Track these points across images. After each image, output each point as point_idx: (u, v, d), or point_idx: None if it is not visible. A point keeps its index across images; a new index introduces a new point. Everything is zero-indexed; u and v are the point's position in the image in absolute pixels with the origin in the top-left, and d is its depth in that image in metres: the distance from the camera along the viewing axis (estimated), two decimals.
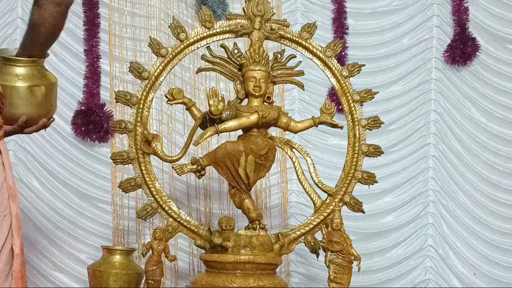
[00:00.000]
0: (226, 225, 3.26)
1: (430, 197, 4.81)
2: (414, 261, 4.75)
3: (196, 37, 3.41)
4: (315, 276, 4.46)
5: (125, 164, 3.43)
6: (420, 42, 4.86)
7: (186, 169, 3.28)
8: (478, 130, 4.85)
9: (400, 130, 4.79)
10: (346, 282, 3.19)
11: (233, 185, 3.31)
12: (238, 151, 3.25)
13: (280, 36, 3.46)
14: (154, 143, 3.27)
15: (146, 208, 3.38)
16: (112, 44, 4.38)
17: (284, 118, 3.37)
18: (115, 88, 4.16)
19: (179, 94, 3.28)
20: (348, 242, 3.20)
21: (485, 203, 4.79)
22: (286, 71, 3.47)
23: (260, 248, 3.22)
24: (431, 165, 4.82)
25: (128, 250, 3.45)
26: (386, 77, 4.79)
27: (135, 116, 3.35)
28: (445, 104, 4.84)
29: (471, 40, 4.78)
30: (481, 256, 4.75)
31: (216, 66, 3.43)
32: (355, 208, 3.49)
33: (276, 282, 3.21)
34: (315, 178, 3.43)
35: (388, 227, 4.74)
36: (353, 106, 3.48)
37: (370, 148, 3.49)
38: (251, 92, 3.32)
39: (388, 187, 4.71)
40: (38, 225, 4.23)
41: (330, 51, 3.50)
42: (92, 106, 4.28)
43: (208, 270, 3.28)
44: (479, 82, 4.86)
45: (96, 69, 4.34)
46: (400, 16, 4.86)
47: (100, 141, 4.29)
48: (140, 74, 3.36)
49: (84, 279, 3.81)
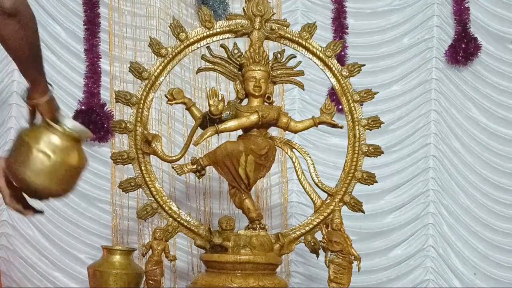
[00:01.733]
0: (226, 225, 3.26)
1: (431, 197, 4.81)
2: (415, 261, 4.75)
3: (196, 37, 3.41)
4: (315, 276, 4.46)
5: (125, 164, 3.42)
6: (420, 42, 4.86)
7: (186, 169, 3.27)
8: (478, 130, 4.85)
9: (400, 130, 4.79)
10: (346, 282, 3.19)
11: (233, 185, 3.31)
12: (238, 151, 3.24)
13: (280, 36, 3.45)
14: (154, 143, 3.26)
15: (146, 208, 3.37)
16: (112, 44, 4.38)
17: (284, 118, 3.37)
18: (115, 88, 4.16)
19: (179, 94, 3.28)
20: (348, 242, 3.20)
21: (485, 203, 4.79)
22: (286, 71, 3.46)
23: (260, 248, 3.21)
24: (432, 165, 4.82)
25: (128, 250, 3.45)
26: (386, 77, 4.79)
27: (135, 116, 3.34)
28: (446, 104, 4.84)
29: (473, 40, 4.78)
30: (481, 256, 4.75)
31: (216, 66, 3.43)
32: (355, 208, 3.49)
33: (276, 282, 3.21)
34: (315, 178, 3.43)
35: (389, 227, 4.74)
36: (353, 106, 3.48)
37: (370, 148, 3.49)
38: (251, 92, 3.32)
39: (388, 187, 4.71)
40: (38, 225, 4.23)
41: (330, 51, 3.49)
42: (92, 106, 4.29)
43: (208, 270, 3.28)
44: (480, 82, 4.86)
45: (96, 69, 4.34)
46: (400, 16, 4.86)
47: (100, 141, 4.30)
48: (140, 74, 3.36)
49: (84, 279, 3.81)
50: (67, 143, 2.17)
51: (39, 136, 2.16)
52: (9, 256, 4.18)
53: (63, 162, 2.15)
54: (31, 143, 2.14)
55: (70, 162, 2.18)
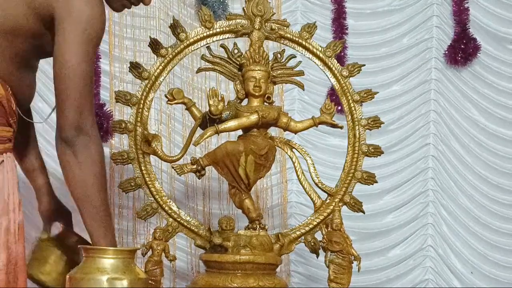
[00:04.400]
0: (226, 225, 3.26)
1: (430, 197, 4.82)
2: (414, 261, 4.76)
3: (196, 37, 3.41)
4: (315, 276, 4.46)
5: (125, 164, 3.42)
6: (420, 42, 4.87)
7: (186, 169, 3.27)
8: (477, 130, 4.86)
9: (400, 130, 4.80)
10: (346, 282, 3.19)
11: (233, 185, 3.31)
12: (238, 151, 3.24)
13: (280, 36, 3.45)
14: (154, 143, 3.26)
15: (146, 208, 3.37)
16: (112, 44, 4.38)
17: (284, 118, 3.37)
18: (115, 88, 4.16)
19: (179, 94, 3.27)
20: (348, 242, 3.20)
21: (484, 203, 4.80)
22: (286, 71, 3.46)
23: (260, 248, 3.21)
24: (431, 165, 4.83)
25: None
26: (386, 77, 4.80)
27: (135, 116, 3.34)
28: (445, 104, 4.85)
29: (472, 41, 4.79)
30: (480, 256, 4.76)
31: (216, 66, 3.42)
32: (355, 208, 3.49)
33: (276, 282, 3.21)
34: (315, 178, 3.43)
35: (388, 227, 4.75)
36: (353, 106, 3.48)
37: (370, 148, 3.49)
38: (251, 92, 3.31)
39: (388, 187, 4.72)
40: (38, 225, 4.23)
41: (330, 51, 3.49)
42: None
43: (208, 270, 3.27)
44: (479, 82, 4.87)
45: (96, 69, 4.34)
46: (400, 16, 4.87)
47: None
48: (140, 74, 3.36)
49: None
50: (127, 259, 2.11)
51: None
52: None
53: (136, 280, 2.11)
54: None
55: (141, 276, 2.14)
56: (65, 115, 2.06)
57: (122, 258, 2.12)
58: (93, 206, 2.11)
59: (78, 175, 2.09)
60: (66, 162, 2.10)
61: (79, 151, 2.11)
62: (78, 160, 2.11)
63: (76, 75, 2.10)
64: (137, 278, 2.14)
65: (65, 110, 2.05)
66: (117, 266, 2.12)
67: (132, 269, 2.13)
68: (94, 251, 2.11)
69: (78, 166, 2.11)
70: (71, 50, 2.10)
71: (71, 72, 2.10)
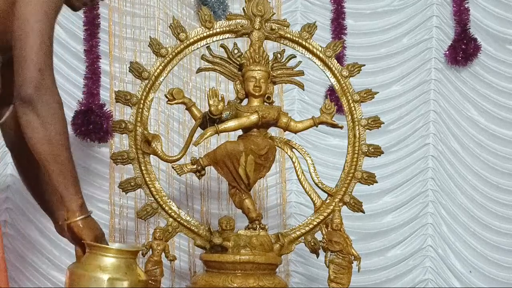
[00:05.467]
0: (226, 225, 3.26)
1: (430, 197, 4.82)
2: (414, 261, 4.76)
3: (196, 37, 3.41)
4: (315, 276, 4.46)
5: (125, 164, 3.42)
6: (419, 43, 4.87)
7: (186, 169, 3.27)
8: (477, 131, 4.86)
9: (399, 130, 4.80)
10: (346, 282, 3.19)
11: (233, 185, 3.31)
12: (238, 151, 3.25)
13: (280, 36, 3.45)
14: (154, 143, 3.26)
15: (146, 208, 3.37)
16: (112, 44, 4.38)
17: (284, 118, 3.37)
18: (115, 88, 4.16)
19: (179, 94, 3.27)
20: (348, 242, 3.20)
21: (484, 203, 4.80)
22: (286, 71, 3.46)
23: (260, 248, 3.21)
24: (430, 165, 4.83)
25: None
26: (386, 77, 4.80)
27: (135, 116, 3.34)
28: (445, 104, 4.85)
29: (473, 41, 4.79)
30: (480, 256, 4.76)
31: (216, 66, 3.43)
32: (355, 208, 3.49)
33: (276, 282, 3.21)
34: (315, 178, 3.43)
35: (388, 227, 4.75)
36: (353, 106, 3.48)
37: (370, 148, 3.49)
38: (251, 92, 3.32)
39: (388, 187, 4.72)
40: (38, 224, 4.23)
41: (330, 51, 3.50)
42: (92, 106, 4.29)
43: (208, 270, 3.28)
44: (479, 82, 4.87)
45: (96, 69, 4.34)
46: (400, 16, 4.87)
47: (100, 141, 4.29)
48: (140, 74, 3.36)
49: None
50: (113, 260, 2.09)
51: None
52: (9, 256, 4.18)
53: (136, 282, 2.09)
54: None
55: (142, 279, 2.11)
56: (24, 72, 1.99)
57: (125, 258, 2.12)
58: (61, 163, 2.03)
59: (43, 134, 2.01)
60: (28, 122, 2.01)
61: (41, 109, 2.02)
62: (41, 119, 2.02)
63: (34, 33, 2.04)
64: (137, 281, 2.13)
65: (24, 68, 1.99)
66: (118, 266, 2.10)
67: (134, 271, 2.12)
68: (97, 249, 2.11)
69: (42, 125, 2.01)
70: (30, 10, 2.08)
71: (30, 31, 2.05)
